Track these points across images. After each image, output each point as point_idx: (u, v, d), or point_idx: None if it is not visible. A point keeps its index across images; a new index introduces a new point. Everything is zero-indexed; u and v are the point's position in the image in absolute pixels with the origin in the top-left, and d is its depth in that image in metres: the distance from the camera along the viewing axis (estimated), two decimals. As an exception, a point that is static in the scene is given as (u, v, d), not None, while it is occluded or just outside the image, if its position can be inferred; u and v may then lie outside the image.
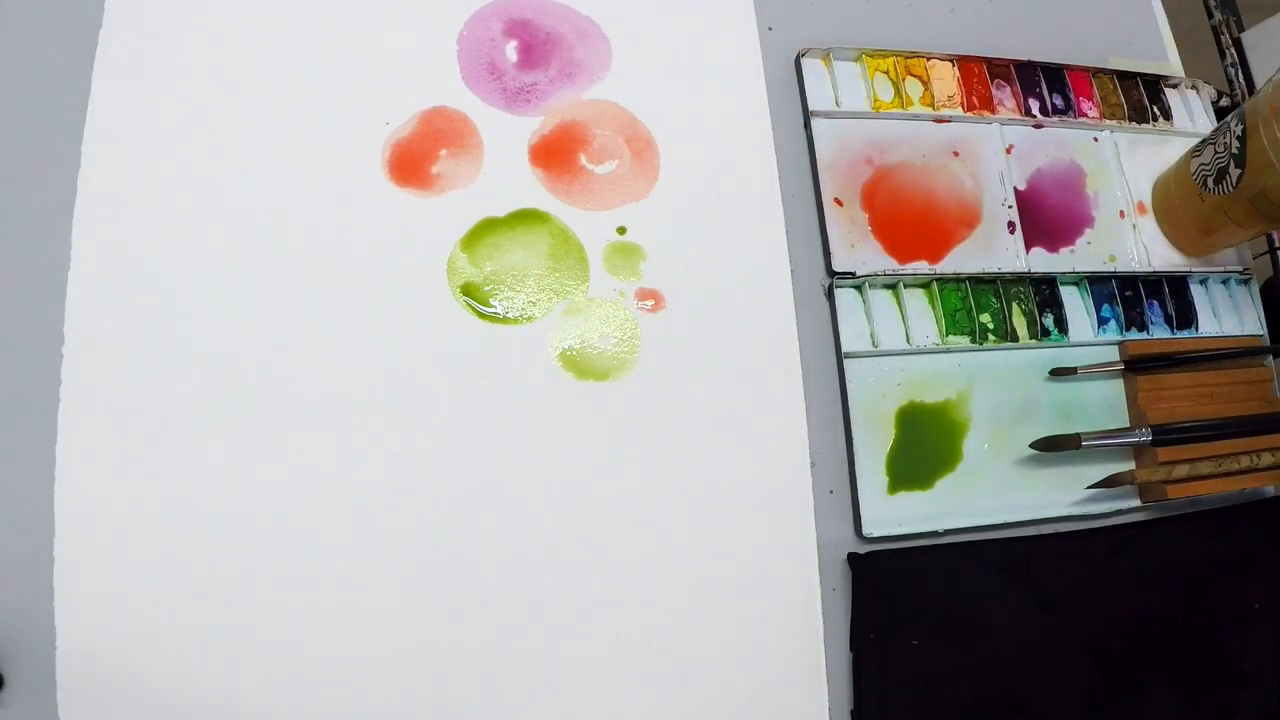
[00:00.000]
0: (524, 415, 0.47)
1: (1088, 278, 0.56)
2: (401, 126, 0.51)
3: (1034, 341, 0.54)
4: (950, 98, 0.57)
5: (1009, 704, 0.48)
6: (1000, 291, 0.54)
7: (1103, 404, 0.54)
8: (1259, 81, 0.69)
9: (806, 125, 0.55)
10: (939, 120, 0.57)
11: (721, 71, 0.56)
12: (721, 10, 0.57)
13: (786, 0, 0.59)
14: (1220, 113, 0.63)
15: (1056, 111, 0.59)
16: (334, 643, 0.43)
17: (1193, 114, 0.62)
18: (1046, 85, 0.60)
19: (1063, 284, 0.56)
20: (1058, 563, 0.50)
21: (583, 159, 0.52)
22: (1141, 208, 0.59)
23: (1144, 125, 0.60)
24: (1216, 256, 0.59)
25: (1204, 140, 0.55)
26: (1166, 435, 0.52)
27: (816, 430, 0.50)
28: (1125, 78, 0.61)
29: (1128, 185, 0.59)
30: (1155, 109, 0.61)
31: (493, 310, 0.49)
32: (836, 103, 0.56)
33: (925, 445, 0.51)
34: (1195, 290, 0.58)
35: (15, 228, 0.46)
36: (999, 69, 0.59)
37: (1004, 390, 0.53)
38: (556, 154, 0.52)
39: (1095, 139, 0.60)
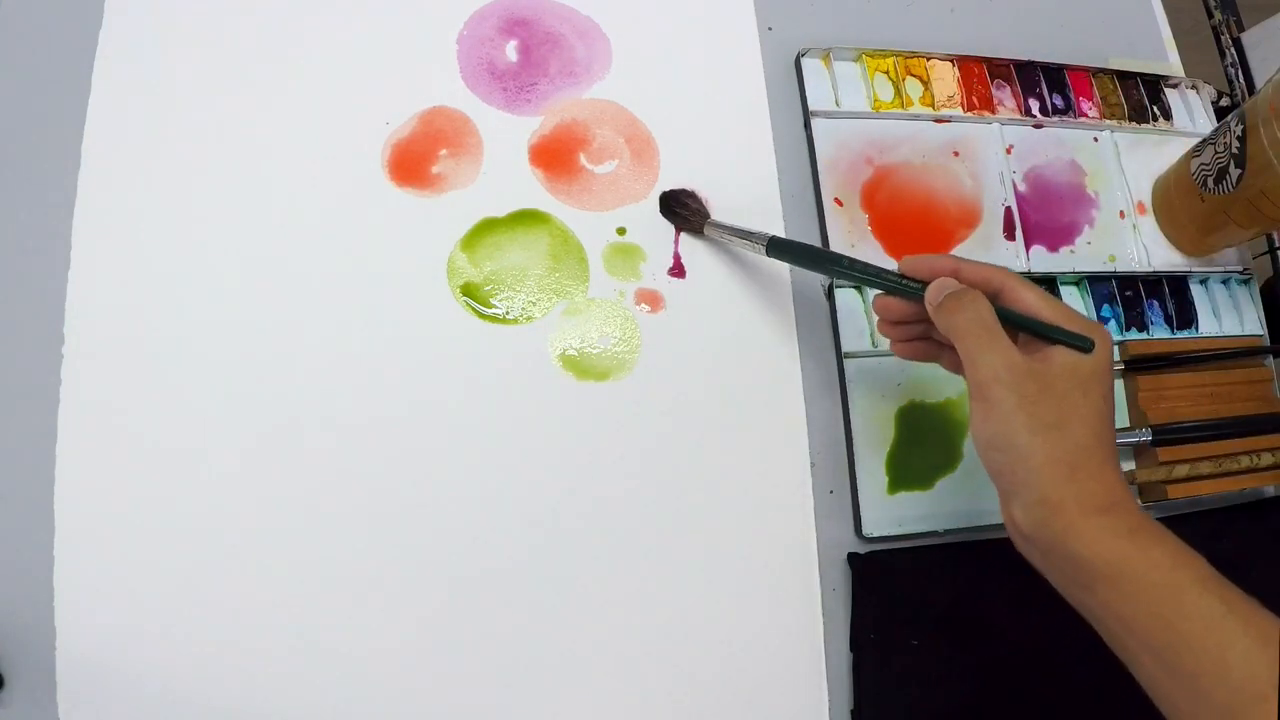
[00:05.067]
0: (524, 416, 0.47)
1: (1088, 277, 0.56)
2: (401, 126, 0.51)
3: (1034, 341, 0.54)
4: (950, 98, 0.57)
5: (1009, 704, 0.48)
6: (1000, 291, 0.54)
7: (1103, 404, 0.54)
8: (1259, 81, 0.69)
9: (806, 125, 0.55)
10: (939, 120, 0.57)
11: (721, 71, 0.56)
12: (721, 10, 0.57)
13: (786, 0, 0.59)
14: (1220, 113, 0.63)
15: (1056, 111, 0.59)
16: (334, 642, 0.43)
17: (1193, 114, 0.62)
18: (1046, 85, 0.60)
19: (1063, 284, 0.56)
20: (1058, 563, 0.50)
21: (583, 159, 0.52)
22: (1141, 208, 0.59)
23: (1144, 125, 0.60)
24: (1216, 256, 0.59)
25: (1204, 140, 0.55)
26: (1166, 435, 0.52)
27: (816, 430, 0.50)
28: (1125, 78, 0.61)
29: (1128, 185, 0.59)
30: (1155, 109, 0.61)
31: (493, 310, 0.49)
32: (836, 103, 0.56)
33: (925, 445, 0.51)
34: (1195, 290, 0.58)
35: (15, 228, 0.46)
36: (999, 69, 0.59)
37: (1004, 390, 0.53)
38: (556, 154, 0.52)
39: (1095, 139, 0.60)
